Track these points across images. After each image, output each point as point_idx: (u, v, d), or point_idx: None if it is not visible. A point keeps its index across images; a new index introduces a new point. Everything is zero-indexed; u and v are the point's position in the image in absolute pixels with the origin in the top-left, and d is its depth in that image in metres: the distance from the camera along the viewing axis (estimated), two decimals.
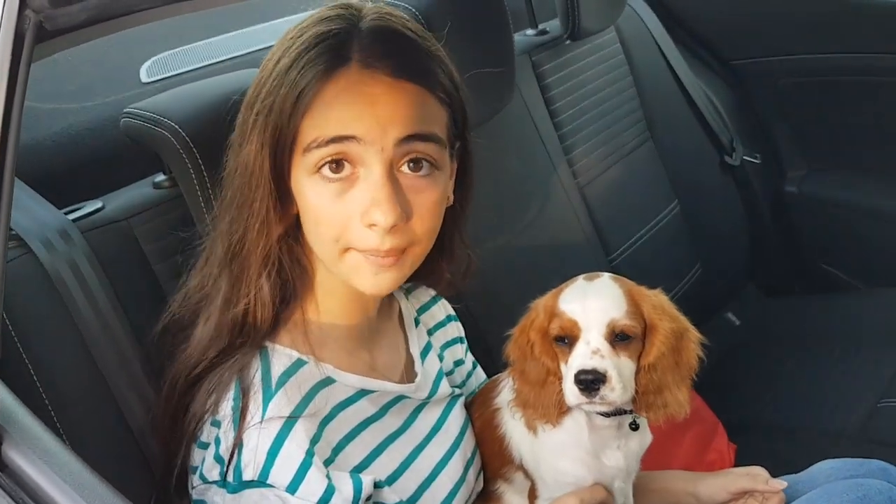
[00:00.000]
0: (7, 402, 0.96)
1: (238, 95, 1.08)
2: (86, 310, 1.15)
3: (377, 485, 1.05)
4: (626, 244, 2.12)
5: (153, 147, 1.25)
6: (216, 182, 1.10)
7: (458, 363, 1.35)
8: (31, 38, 0.82)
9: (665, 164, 2.30)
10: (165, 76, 1.87)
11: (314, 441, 0.99)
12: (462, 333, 1.38)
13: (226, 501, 0.99)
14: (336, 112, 0.98)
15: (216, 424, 1.01)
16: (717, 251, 2.39)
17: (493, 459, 1.25)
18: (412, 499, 1.11)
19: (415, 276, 1.13)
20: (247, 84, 1.05)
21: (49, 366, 1.12)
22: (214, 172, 1.11)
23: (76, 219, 1.24)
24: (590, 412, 1.13)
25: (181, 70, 1.89)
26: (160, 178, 1.32)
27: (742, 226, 2.55)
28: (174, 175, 1.27)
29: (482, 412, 1.27)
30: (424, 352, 1.25)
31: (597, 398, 1.06)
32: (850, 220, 2.49)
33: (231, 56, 1.95)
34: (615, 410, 1.12)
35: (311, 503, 0.96)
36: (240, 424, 0.98)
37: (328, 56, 0.99)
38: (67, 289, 1.15)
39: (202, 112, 1.24)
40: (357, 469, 1.05)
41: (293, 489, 0.96)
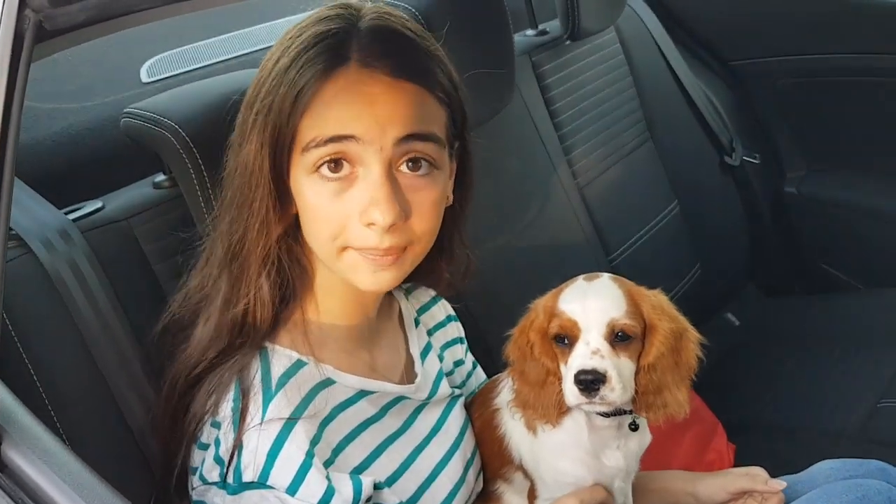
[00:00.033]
0: (7, 402, 0.96)
1: (238, 95, 1.08)
2: (86, 310, 1.15)
3: (377, 486, 1.05)
4: (626, 244, 2.12)
5: (153, 147, 1.25)
6: (216, 182, 1.10)
7: (458, 363, 1.35)
8: (31, 38, 0.82)
9: (665, 165, 2.29)
10: (165, 76, 1.87)
11: (314, 442, 0.99)
12: (462, 334, 1.38)
13: (226, 503, 0.99)
14: (335, 111, 0.98)
15: (216, 426, 1.01)
16: (717, 251, 2.39)
17: (493, 460, 1.25)
18: (412, 499, 1.11)
19: (414, 277, 1.13)
20: (246, 84, 1.05)
21: (49, 366, 1.12)
22: (214, 172, 1.11)
23: (76, 219, 1.24)
24: (589, 412, 1.13)
25: (181, 70, 1.89)
26: (160, 178, 1.32)
27: (742, 226, 2.55)
28: (174, 175, 1.27)
29: (482, 412, 1.27)
30: (424, 352, 1.25)
31: (596, 398, 1.06)
32: (850, 220, 2.49)
33: (231, 56, 1.95)
34: (615, 410, 1.12)
35: None
36: (240, 426, 0.98)
37: (327, 55, 0.99)
38: (67, 289, 1.15)
39: (202, 112, 1.24)
40: (357, 470, 1.05)
41: (293, 491, 0.96)
